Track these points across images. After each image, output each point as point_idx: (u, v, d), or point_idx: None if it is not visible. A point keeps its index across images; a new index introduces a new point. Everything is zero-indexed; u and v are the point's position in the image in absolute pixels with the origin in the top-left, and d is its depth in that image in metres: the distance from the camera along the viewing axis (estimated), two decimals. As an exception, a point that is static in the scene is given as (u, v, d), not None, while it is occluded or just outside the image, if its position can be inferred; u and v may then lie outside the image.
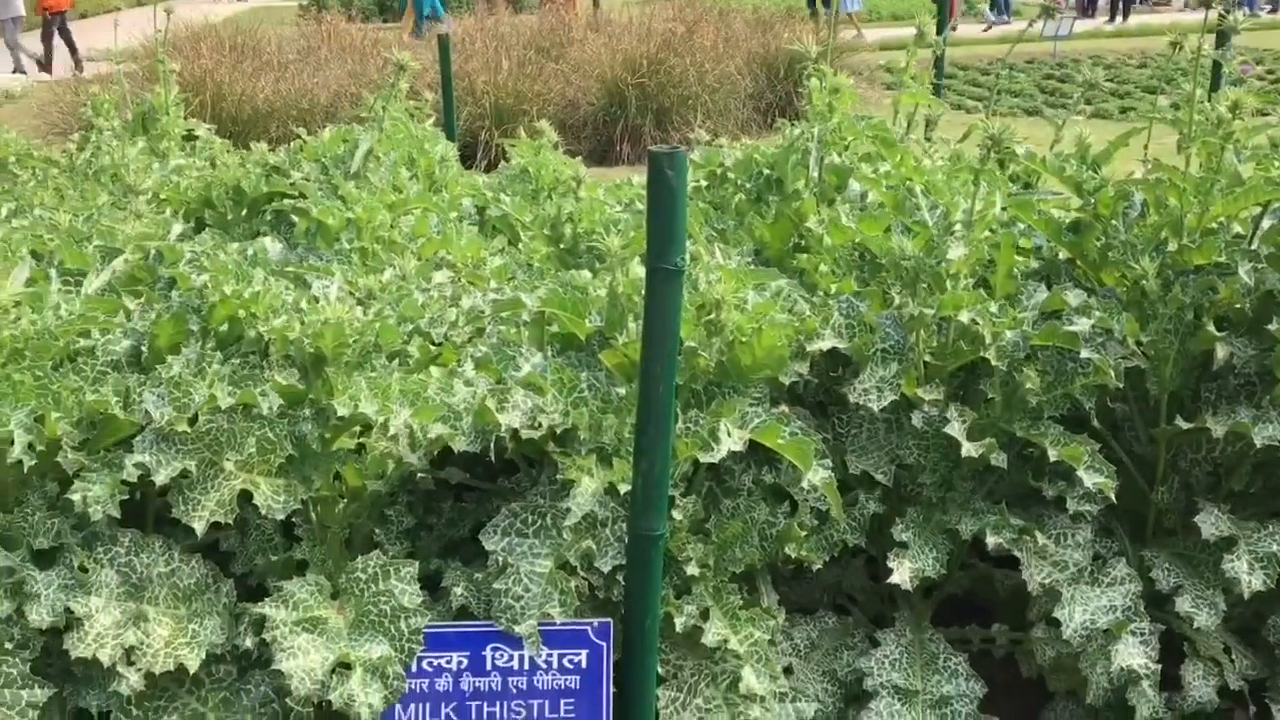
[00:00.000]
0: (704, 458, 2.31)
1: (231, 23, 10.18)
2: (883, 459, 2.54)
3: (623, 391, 2.42)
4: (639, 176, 4.46)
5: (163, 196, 4.08)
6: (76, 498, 2.07)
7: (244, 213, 4.12)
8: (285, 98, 8.43)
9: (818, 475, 2.34)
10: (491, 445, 2.31)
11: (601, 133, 9.33)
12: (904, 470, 2.59)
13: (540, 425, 2.31)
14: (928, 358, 2.54)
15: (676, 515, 2.34)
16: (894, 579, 2.43)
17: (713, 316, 2.40)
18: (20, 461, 2.08)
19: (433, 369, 2.55)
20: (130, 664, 2.09)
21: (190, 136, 5.02)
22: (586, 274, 2.71)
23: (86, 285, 2.47)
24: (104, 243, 2.59)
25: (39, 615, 2.07)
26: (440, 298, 2.88)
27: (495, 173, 4.61)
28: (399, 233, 3.32)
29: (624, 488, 2.26)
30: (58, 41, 16.77)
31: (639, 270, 2.51)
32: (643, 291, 2.40)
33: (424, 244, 3.29)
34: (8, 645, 2.07)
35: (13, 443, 2.08)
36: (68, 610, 2.08)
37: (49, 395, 2.14)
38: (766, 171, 3.05)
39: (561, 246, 3.35)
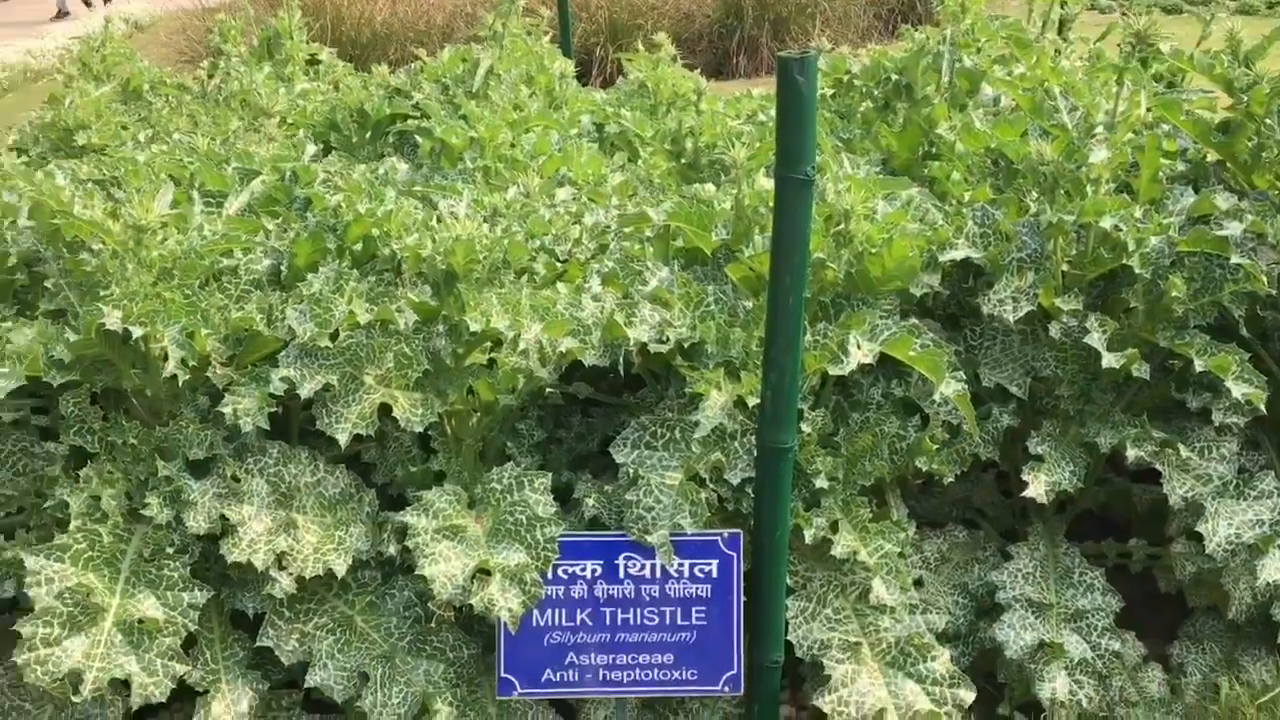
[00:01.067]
0: (833, 370, 2.29)
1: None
2: (1017, 371, 2.48)
3: (749, 305, 2.41)
4: (757, 89, 4.38)
5: (290, 120, 4.17)
6: (228, 410, 2.16)
7: (368, 135, 4.18)
8: (402, 19, 8.47)
9: (950, 388, 2.30)
10: (620, 359, 2.33)
11: (717, 45, 9.14)
12: (1039, 383, 2.52)
13: (668, 339, 2.32)
14: (1066, 266, 2.45)
15: (805, 428, 2.33)
16: (1029, 493, 2.39)
17: (841, 227, 2.36)
18: (175, 376, 2.18)
19: (559, 285, 2.57)
20: (281, 568, 2.19)
21: (313, 61, 5.10)
22: (710, 187, 2.69)
23: (227, 206, 2.55)
24: (241, 165, 2.67)
25: (196, 522, 2.18)
26: (564, 214, 2.89)
27: (612, 88, 4.57)
28: (520, 151, 3.33)
29: (752, 401, 2.25)
30: None
31: (764, 183, 2.48)
32: (769, 204, 2.38)
33: (545, 161, 3.29)
34: (168, 550, 2.19)
35: (167, 358, 2.18)
36: (223, 517, 2.19)
37: (198, 312, 2.22)
38: (895, 77, 2.96)
39: (682, 161, 3.32)
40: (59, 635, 2.02)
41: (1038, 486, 2.39)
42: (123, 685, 2.14)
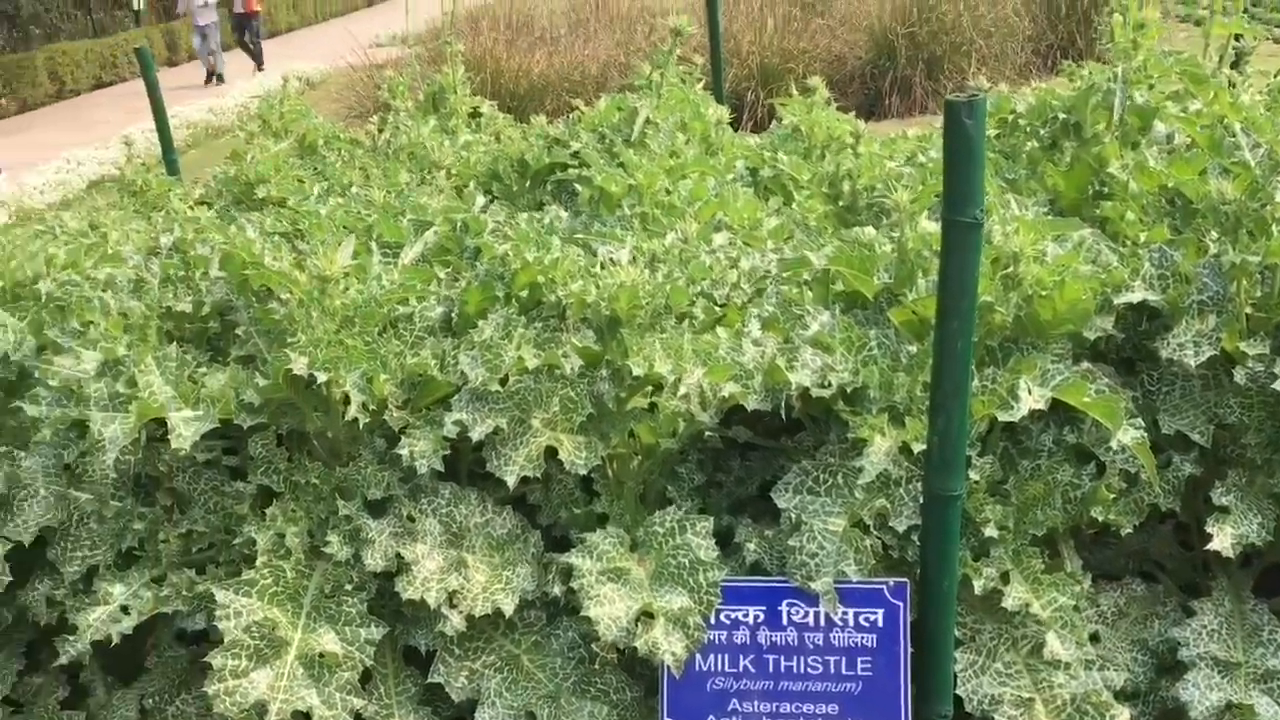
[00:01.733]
0: (1002, 416, 2.24)
1: (505, 0, 10.61)
2: (1199, 418, 2.37)
3: (913, 349, 2.38)
4: (912, 129, 4.34)
5: (453, 171, 4.34)
6: (405, 452, 2.25)
7: (527, 184, 4.31)
8: (558, 70, 8.73)
9: (1128, 435, 2.22)
10: (782, 404, 2.33)
11: (869, 86, 9.10)
12: (1223, 430, 2.41)
13: (830, 384, 2.31)
14: (1250, 309, 2.34)
15: (973, 475, 2.28)
16: (1214, 545, 2.28)
17: (1010, 270, 2.31)
18: (355, 419, 2.28)
19: (718, 329, 2.59)
20: (453, 606, 2.25)
21: (475, 113, 5.29)
22: (871, 230, 2.67)
23: (403, 256, 2.66)
24: (416, 217, 2.78)
25: (374, 560, 2.26)
26: (721, 259, 2.91)
27: (765, 133, 4.60)
28: (677, 197, 3.38)
29: (917, 447, 2.22)
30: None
31: (928, 225, 2.45)
32: (933, 247, 2.36)
33: (702, 207, 3.33)
34: (347, 587, 2.28)
35: (348, 401, 2.28)
36: (398, 556, 2.27)
37: (377, 359, 2.32)
38: (1063, 116, 2.90)
39: (840, 204, 3.31)
40: (246, 667, 2.12)
41: (1223, 539, 2.27)
42: (304, 717, 2.24)
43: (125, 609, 2.27)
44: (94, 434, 2.21)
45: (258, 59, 16.60)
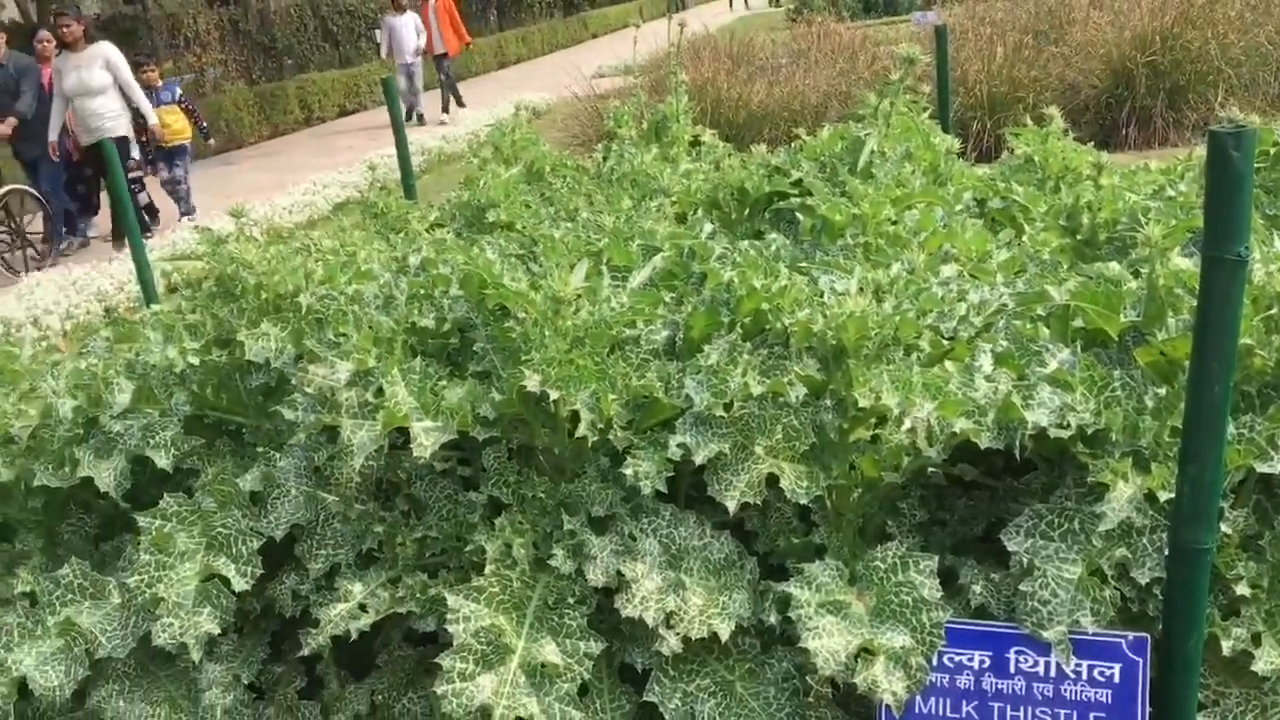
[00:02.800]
0: (1260, 467, 2.09)
1: (726, 31, 10.73)
2: None
3: (1161, 392, 2.25)
4: (1153, 161, 4.12)
5: (672, 199, 4.40)
6: (629, 472, 2.29)
7: (746, 212, 4.33)
8: (778, 100, 8.76)
9: (1407, 494, 2.03)
10: (1016, 443, 2.25)
11: (1104, 116, 8.69)
12: None
13: (1069, 424, 2.21)
14: None
15: (1224, 529, 2.13)
16: None
17: (1272, 311, 2.16)
18: (582, 436, 2.34)
19: (947, 363, 2.53)
20: (669, 627, 2.27)
21: (695, 142, 5.37)
22: (1115, 266, 2.56)
23: (631, 280, 2.72)
24: (644, 241, 2.84)
25: (595, 575, 2.31)
26: (951, 292, 2.84)
27: (995, 163, 4.47)
28: (903, 227, 3.32)
29: (1164, 495, 2.10)
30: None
31: (1180, 262, 2.33)
32: (1186, 284, 2.23)
33: (928, 237, 3.26)
34: (569, 599, 2.33)
35: (577, 419, 2.35)
36: (619, 573, 2.31)
37: (606, 379, 2.38)
38: (1332, 148, 2.69)
39: (1077, 238, 3.18)
40: (473, 671, 2.20)
41: None
42: (522, 723, 2.30)
43: (363, 607, 2.40)
44: (344, 439, 2.35)
45: (456, 97, 17.61)
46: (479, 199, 4.49)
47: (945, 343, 2.65)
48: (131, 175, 10.52)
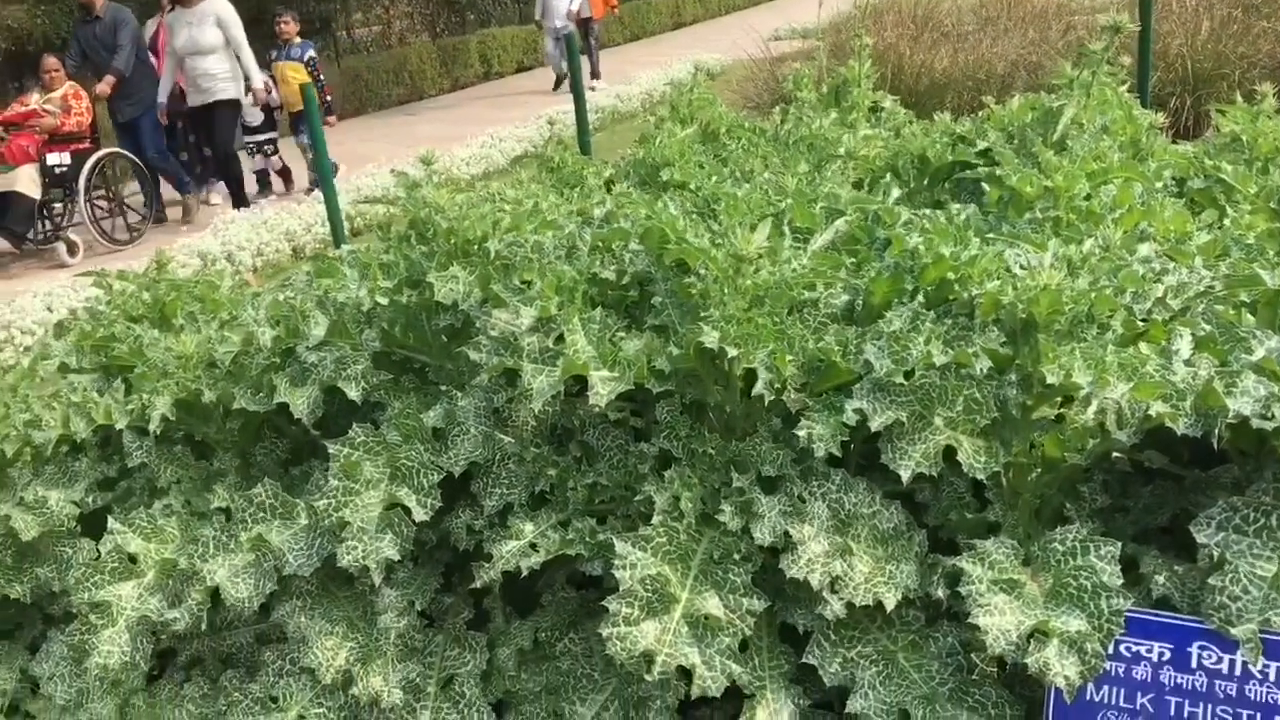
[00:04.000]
0: None
1: (911, -4, 10.48)
2: None
3: (1380, 388, 2.11)
4: (1378, 144, 3.84)
5: (852, 165, 4.33)
6: (803, 434, 2.28)
7: (925, 181, 4.22)
8: (962, 68, 8.47)
9: None
10: (1215, 432, 2.14)
11: (1319, 96, 8.12)
12: None
13: (1273, 415, 2.10)
14: None
15: None
16: None
17: None
18: (757, 395, 2.34)
19: (1142, 345, 2.43)
20: (834, 592, 2.27)
21: (875, 108, 5.26)
22: (1335, 252, 2.40)
23: (813, 242, 2.70)
24: (828, 204, 2.81)
25: (762, 534, 2.32)
26: (1149, 271, 2.72)
27: (1197, 141, 4.25)
28: (1098, 203, 3.19)
29: (1376, 497, 1.98)
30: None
31: None
32: None
33: (1124, 215, 3.13)
34: (735, 556, 2.35)
35: (752, 378, 2.35)
36: (786, 534, 2.31)
37: (784, 339, 2.37)
38: None
39: (1291, 221, 3.00)
40: (637, 617, 2.24)
41: None
42: (681, 674, 2.34)
43: (534, 546, 2.46)
44: (525, 383, 2.41)
45: (593, 66, 16.84)
46: (653, 157, 4.51)
47: (1140, 324, 2.54)
48: (263, 138, 10.48)
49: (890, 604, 2.24)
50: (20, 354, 5.66)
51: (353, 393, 2.73)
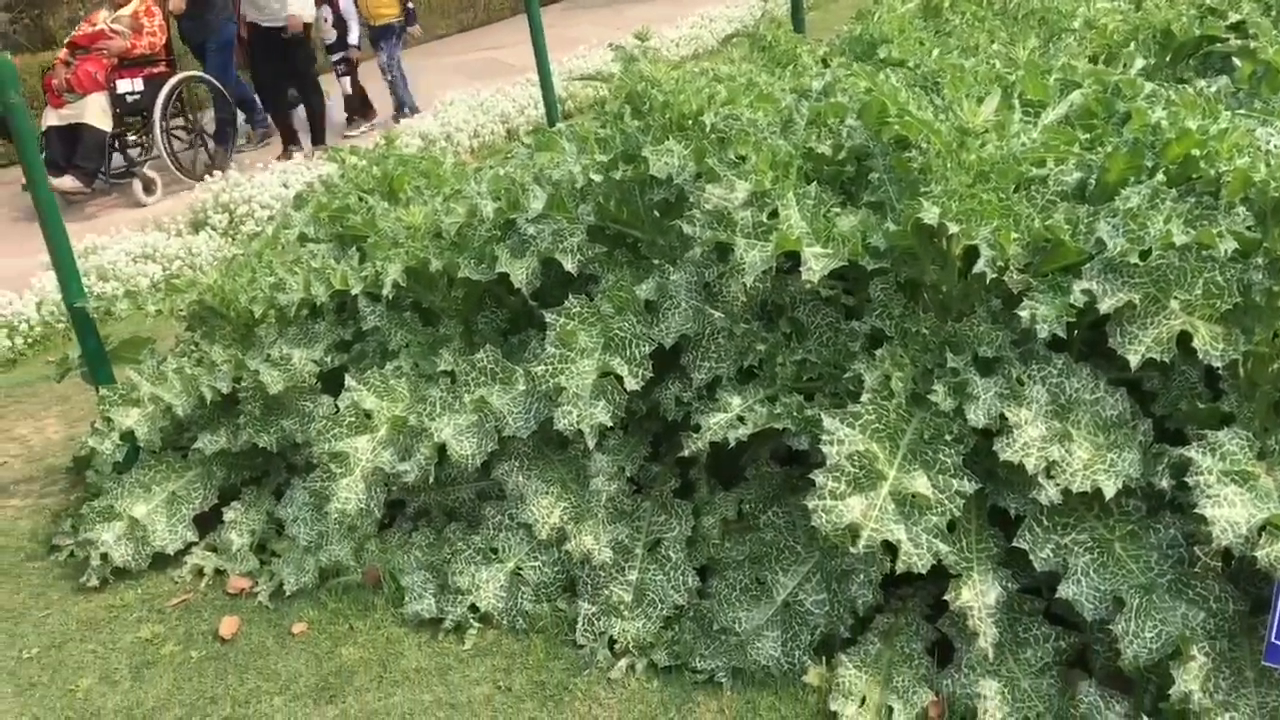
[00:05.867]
0: None
1: None
2: None
3: None
4: None
5: (1087, 38, 4.07)
6: (1025, 314, 2.21)
7: (1169, 57, 3.93)
8: (1216, -68, 7.73)
9: None
10: None
11: None
12: None
13: None
14: None
15: None
16: None
17: None
18: (978, 274, 2.27)
19: None
20: (1049, 477, 2.21)
21: (1115, -23, 4.90)
22: None
23: (1045, 116, 2.57)
24: (1063, 76, 2.66)
25: (975, 416, 2.28)
26: None
27: None
28: (1370, 76, 2.91)
29: None
30: None
31: None
32: None
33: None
34: (946, 437, 2.32)
35: (973, 256, 2.28)
36: (1001, 416, 2.26)
37: (1010, 217, 2.28)
38: None
39: None
40: (844, 491, 2.26)
41: None
42: (887, 549, 2.36)
43: (741, 419, 2.50)
44: (737, 258, 2.42)
45: None
46: (871, 34, 4.36)
47: None
48: (336, 57, 8.87)
49: (1109, 492, 2.17)
50: (263, 224, 6.05)
51: (569, 265, 2.81)
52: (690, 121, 2.76)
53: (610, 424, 2.61)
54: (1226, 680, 2.10)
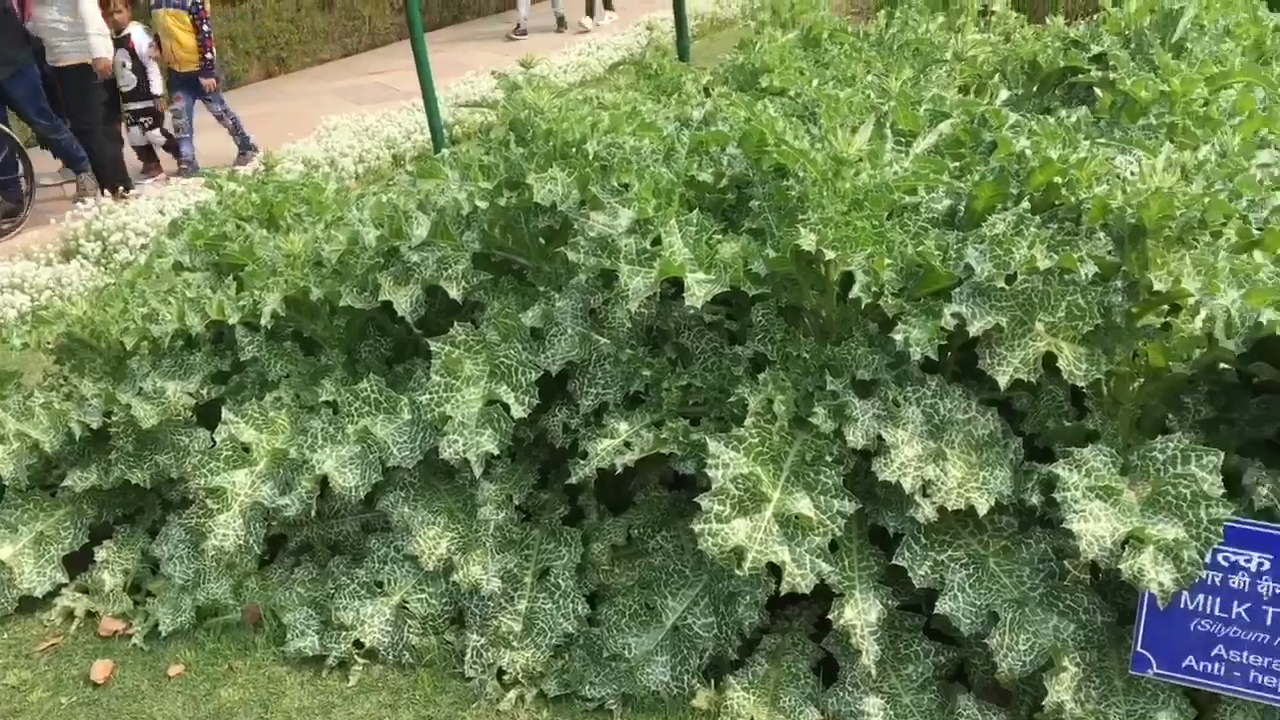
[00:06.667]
0: None
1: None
2: None
3: None
4: None
5: (958, 69, 4.22)
6: (899, 338, 2.27)
7: (1035, 87, 4.10)
8: (1079, -31, 8.12)
9: None
10: (1329, 341, 2.08)
11: None
12: None
13: (1395, 326, 2.02)
14: None
15: None
16: None
17: None
18: (853, 299, 2.33)
19: (1255, 253, 2.35)
20: (926, 496, 2.27)
21: (985, 11, 5.10)
22: None
23: (916, 145, 2.65)
24: (933, 106, 2.75)
25: (855, 437, 2.33)
26: (1268, 179, 2.62)
27: (1329, 44, 4.02)
28: (1216, 108, 3.07)
29: None
30: None
31: None
32: None
33: (1244, 121, 3.00)
34: (826, 458, 2.36)
35: (848, 281, 2.34)
36: (879, 438, 2.32)
37: (882, 243, 2.35)
38: None
39: None
40: (729, 514, 2.28)
41: None
42: (772, 570, 2.39)
43: (628, 444, 2.51)
44: (622, 284, 2.44)
45: None
46: (753, 63, 4.44)
47: (1256, 232, 2.46)
48: (139, 106, 7.83)
49: (983, 509, 2.24)
50: (136, 253, 5.85)
51: (454, 292, 2.79)
52: (574, 149, 2.77)
53: (497, 452, 2.60)
54: (1097, 690, 2.18)
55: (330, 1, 11.78)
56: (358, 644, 2.69)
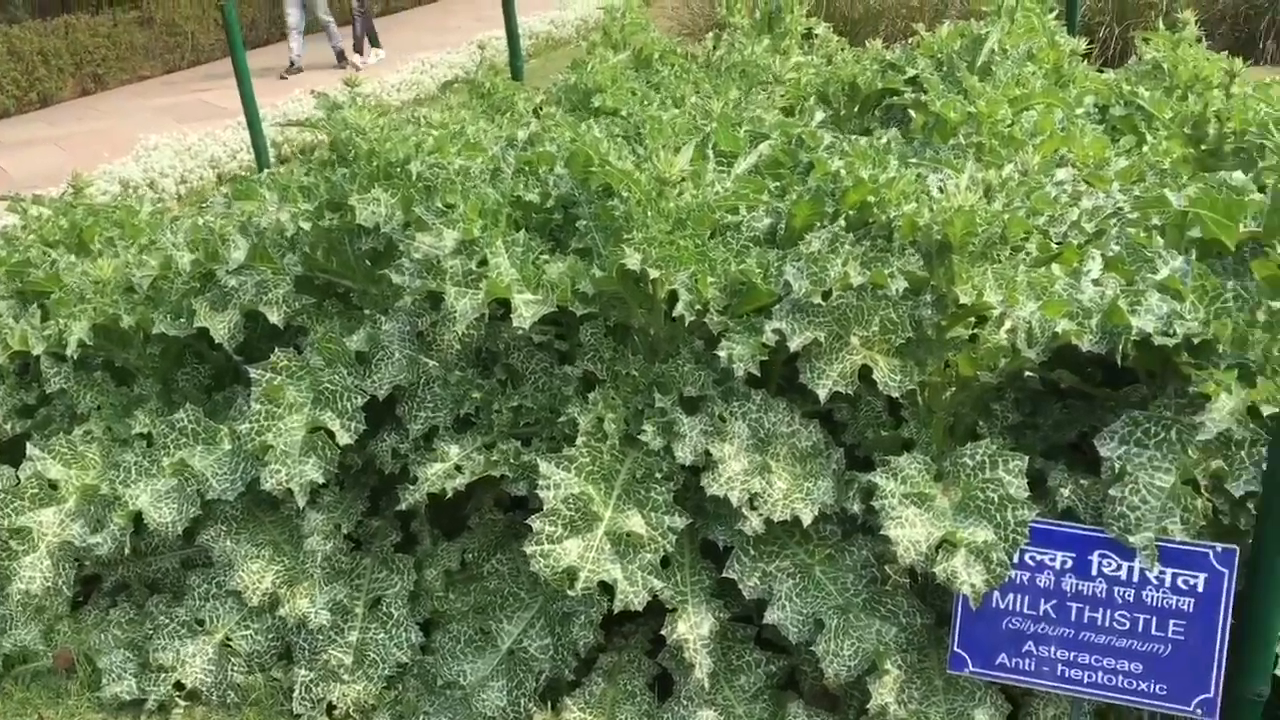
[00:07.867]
0: (1374, 387, 2.03)
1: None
2: None
3: (1276, 305, 2.19)
4: (1292, 74, 3.92)
5: (783, 91, 4.33)
6: (723, 354, 2.31)
7: (856, 108, 4.24)
8: (897, -5, 8.49)
9: None
10: (1119, 349, 2.21)
11: (1240, 29, 8.22)
12: None
13: (1174, 332, 2.16)
14: None
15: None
16: None
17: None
18: (678, 317, 2.36)
19: (1054, 266, 2.48)
20: (753, 508, 2.32)
21: (809, 34, 5.25)
22: (1240, 175, 2.46)
23: (737, 166, 2.71)
24: (753, 128, 2.82)
25: (683, 453, 2.36)
26: (1064, 196, 2.77)
27: (1121, 69, 4.30)
28: (1019, 128, 3.23)
29: (1267, 409, 2.06)
30: None
31: (1311, 172, 2.24)
32: (1315, 196, 2.15)
33: (1044, 140, 3.17)
34: (657, 475, 2.39)
35: (674, 300, 2.37)
36: (707, 453, 2.35)
37: (705, 262, 2.39)
38: None
39: (1202, 148, 3.06)
40: (561, 534, 2.28)
41: None
42: (605, 589, 2.39)
43: (459, 468, 2.48)
44: (448, 306, 2.41)
45: (371, 35, 13.18)
46: (585, 83, 4.47)
47: (1054, 247, 2.60)
48: None
49: (807, 519, 2.29)
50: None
51: (274, 317, 2.71)
52: (398, 169, 2.73)
53: (323, 481, 2.53)
54: (919, 690, 2.26)
55: (150, 17, 11.34)
56: (179, 685, 2.58)
